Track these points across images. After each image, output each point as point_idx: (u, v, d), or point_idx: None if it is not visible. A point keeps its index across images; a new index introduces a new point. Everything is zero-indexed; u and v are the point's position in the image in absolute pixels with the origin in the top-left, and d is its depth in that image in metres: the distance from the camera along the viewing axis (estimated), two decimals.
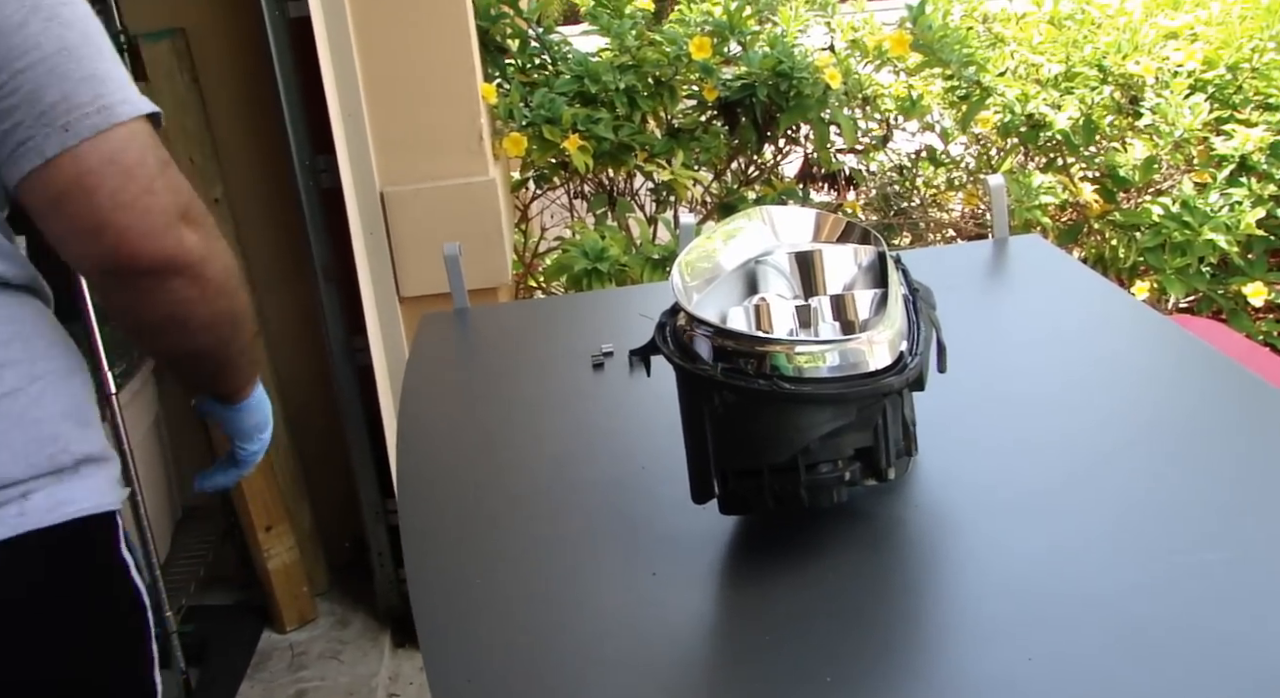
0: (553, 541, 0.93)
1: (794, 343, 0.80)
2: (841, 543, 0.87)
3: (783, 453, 0.80)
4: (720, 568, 0.88)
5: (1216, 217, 2.33)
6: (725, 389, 0.78)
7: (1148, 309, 1.28)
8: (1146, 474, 0.92)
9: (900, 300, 0.89)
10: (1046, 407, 1.04)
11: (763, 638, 0.78)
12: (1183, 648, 0.72)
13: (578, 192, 2.60)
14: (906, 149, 2.78)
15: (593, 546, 0.92)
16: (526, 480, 1.03)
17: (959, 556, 0.86)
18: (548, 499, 0.99)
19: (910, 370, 0.81)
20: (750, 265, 0.97)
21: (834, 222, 1.02)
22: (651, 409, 1.05)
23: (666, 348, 0.83)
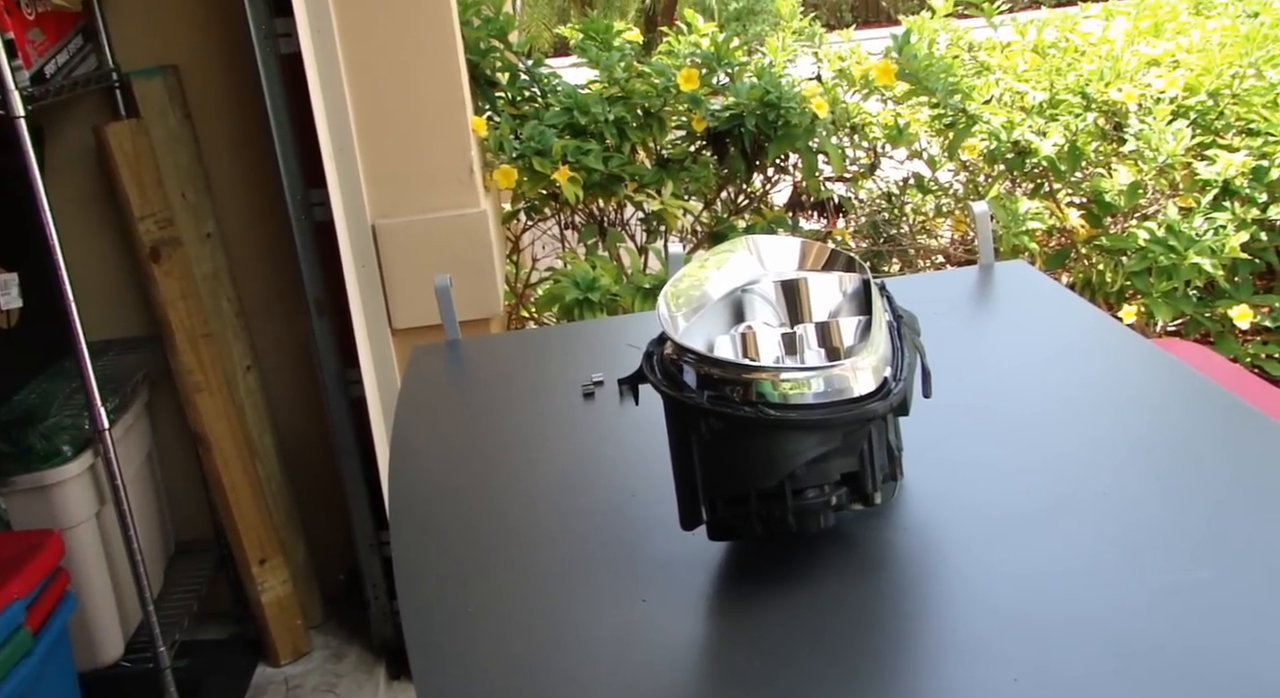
0: (544, 568, 0.93)
1: (779, 370, 0.81)
2: (829, 567, 0.87)
3: (769, 479, 0.80)
4: (709, 594, 0.88)
5: (1201, 241, 2.35)
6: (711, 417, 0.79)
7: (1131, 333, 1.29)
8: (1132, 496, 0.93)
9: (884, 327, 0.90)
10: (1032, 430, 1.05)
11: (752, 664, 0.78)
12: (1169, 668, 0.73)
13: (568, 222, 2.62)
14: (894, 177, 2.81)
15: (584, 573, 0.92)
16: (518, 509, 1.03)
17: (946, 578, 0.86)
18: (539, 528, 0.99)
19: (894, 396, 0.82)
20: (737, 294, 0.98)
21: (819, 250, 1.03)
22: (642, 437, 1.06)
23: (654, 377, 0.84)
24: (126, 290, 2.16)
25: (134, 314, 2.17)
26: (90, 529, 1.92)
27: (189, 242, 2.14)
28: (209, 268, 2.18)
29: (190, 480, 2.27)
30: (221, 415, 2.15)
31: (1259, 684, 0.70)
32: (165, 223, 2.09)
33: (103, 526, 1.95)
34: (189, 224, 2.15)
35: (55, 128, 2.11)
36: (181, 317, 2.11)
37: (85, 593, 1.91)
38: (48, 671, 1.69)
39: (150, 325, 2.14)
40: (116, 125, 2.05)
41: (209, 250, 2.18)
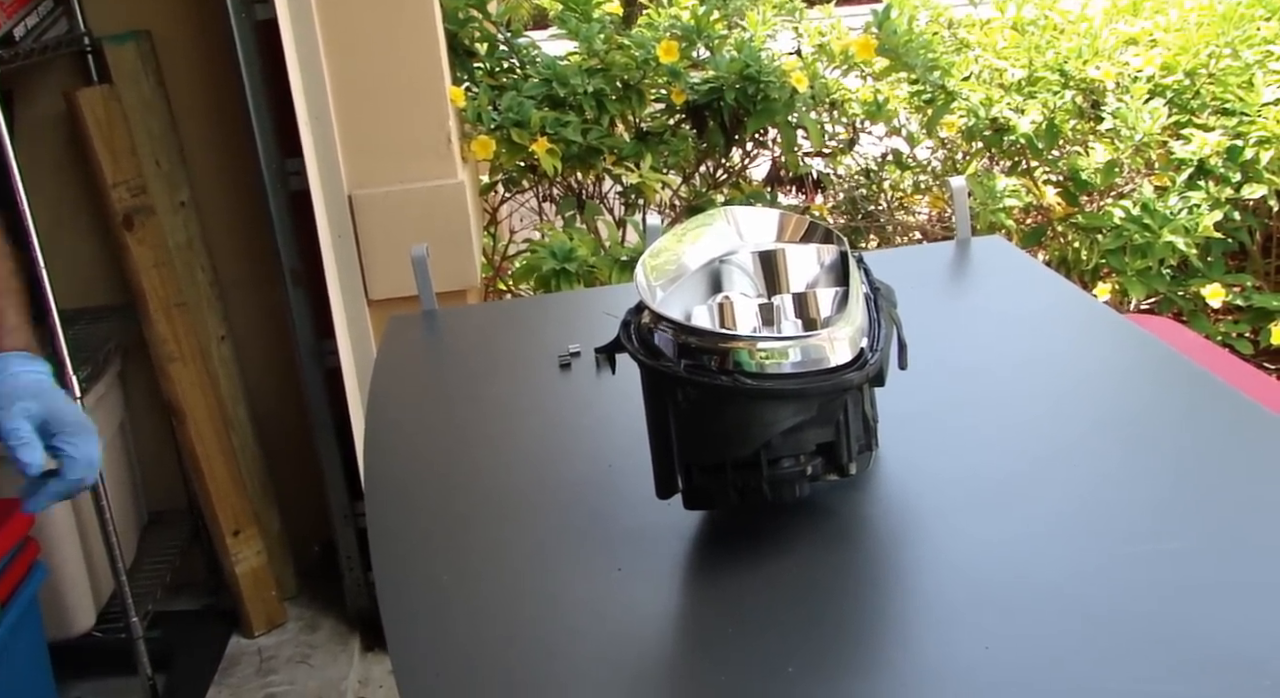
0: (521, 538, 0.94)
1: (756, 339, 0.81)
2: (804, 537, 0.88)
3: (745, 448, 0.81)
4: (685, 563, 0.89)
5: (1176, 219, 2.37)
6: (688, 385, 0.79)
7: (1105, 308, 1.30)
8: (1103, 467, 0.94)
9: (861, 298, 0.90)
10: (1006, 403, 1.06)
11: (726, 631, 0.79)
12: (1137, 635, 0.74)
13: (546, 195, 2.60)
14: (873, 153, 2.81)
15: (560, 543, 0.92)
16: (494, 480, 1.03)
17: (920, 547, 0.87)
18: (515, 498, 1.00)
19: (870, 366, 0.83)
20: (715, 265, 0.98)
21: (797, 222, 1.03)
22: (618, 407, 1.06)
23: (631, 345, 0.84)
24: (99, 259, 2.14)
25: (106, 283, 2.15)
26: None
27: (162, 210, 2.12)
28: (183, 237, 2.16)
29: (163, 451, 2.25)
30: (195, 386, 2.13)
31: (1222, 650, 0.71)
32: (138, 191, 2.07)
33: None
34: (162, 193, 2.12)
35: (25, 92, 2.07)
36: (155, 286, 2.08)
37: (56, 563, 1.90)
38: (17, 640, 1.68)
39: (123, 294, 2.12)
40: (88, 91, 2.02)
41: (182, 219, 2.16)
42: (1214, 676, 0.70)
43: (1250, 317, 2.56)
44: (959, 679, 0.73)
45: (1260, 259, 2.78)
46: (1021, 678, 0.72)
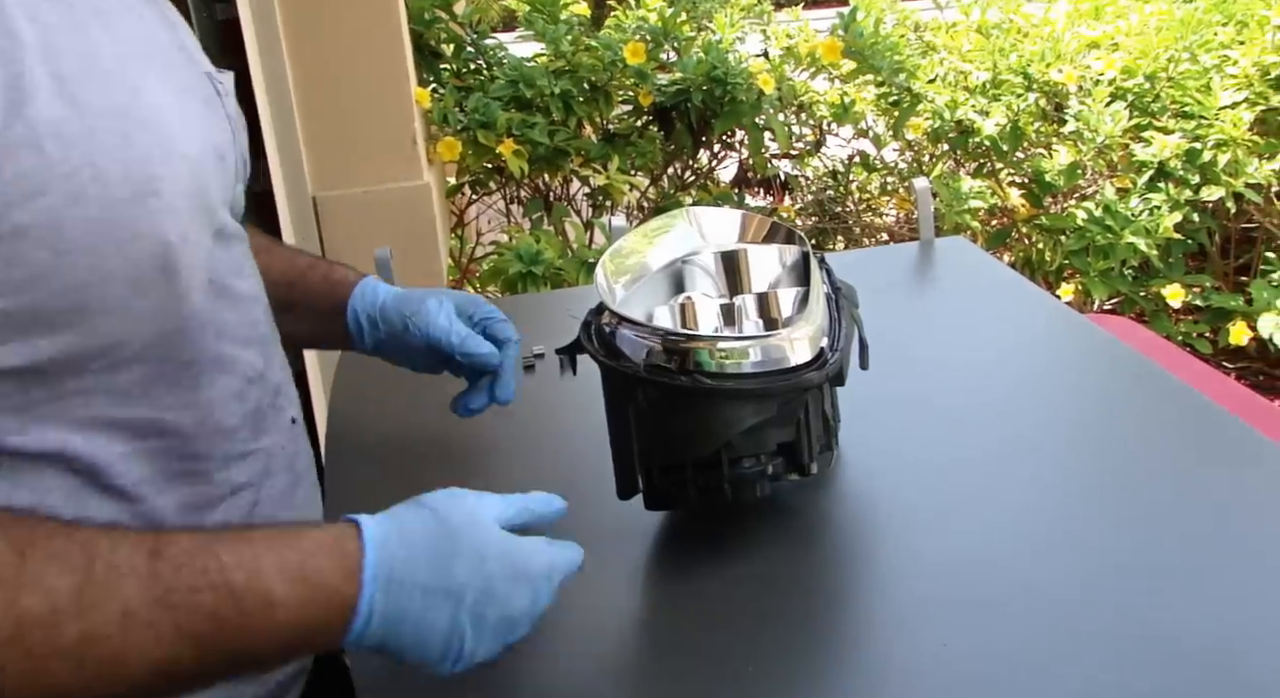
0: None
1: (716, 339, 0.81)
2: (766, 537, 0.88)
3: (705, 448, 0.80)
4: (647, 564, 0.88)
5: (1137, 221, 2.40)
6: (648, 386, 0.79)
7: (1065, 309, 1.31)
8: (1063, 465, 0.95)
9: (822, 298, 0.90)
10: (968, 403, 1.06)
11: (687, 632, 0.79)
12: (1096, 629, 0.74)
13: (514, 197, 2.60)
14: (840, 155, 2.82)
15: None
16: (457, 482, 1.01)
17: (881, 546, 0.87)
18: None
19: (830, 366, 0.82)
20: (677, 265, 0.97)
21: (759, 222, 1.02)
22: (581, 410, 1.05)
23: (590, 346, 0.84)
24: None
25: None
26: None
27: None
28: None
29: None
30: None
31: (1180, 643, 0.72)
32: None
33: None
34: None
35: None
36: None
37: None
38: None
39: None
40: None
41: None
42: (1172, 667, 0.70)
43: (1209, 316, 2.60)
44: (919, 676, 0.73)
45: (1219, 260, 2.82)
46: (980, 673, 0.72)
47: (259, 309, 0.78)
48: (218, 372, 0.71)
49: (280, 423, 0.79)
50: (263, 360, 0.77)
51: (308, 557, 0.62)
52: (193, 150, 0.68)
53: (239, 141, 0.80)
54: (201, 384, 0.70)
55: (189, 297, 0.67)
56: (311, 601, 0.61)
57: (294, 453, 0.81)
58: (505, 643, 0.68)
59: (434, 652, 0.65)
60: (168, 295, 0.65)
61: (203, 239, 0.68)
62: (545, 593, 0.69)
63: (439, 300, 0.96)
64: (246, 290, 0.76)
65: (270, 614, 0.60)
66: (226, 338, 0.72)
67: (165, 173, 0.64)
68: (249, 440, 0.75)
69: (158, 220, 0.63)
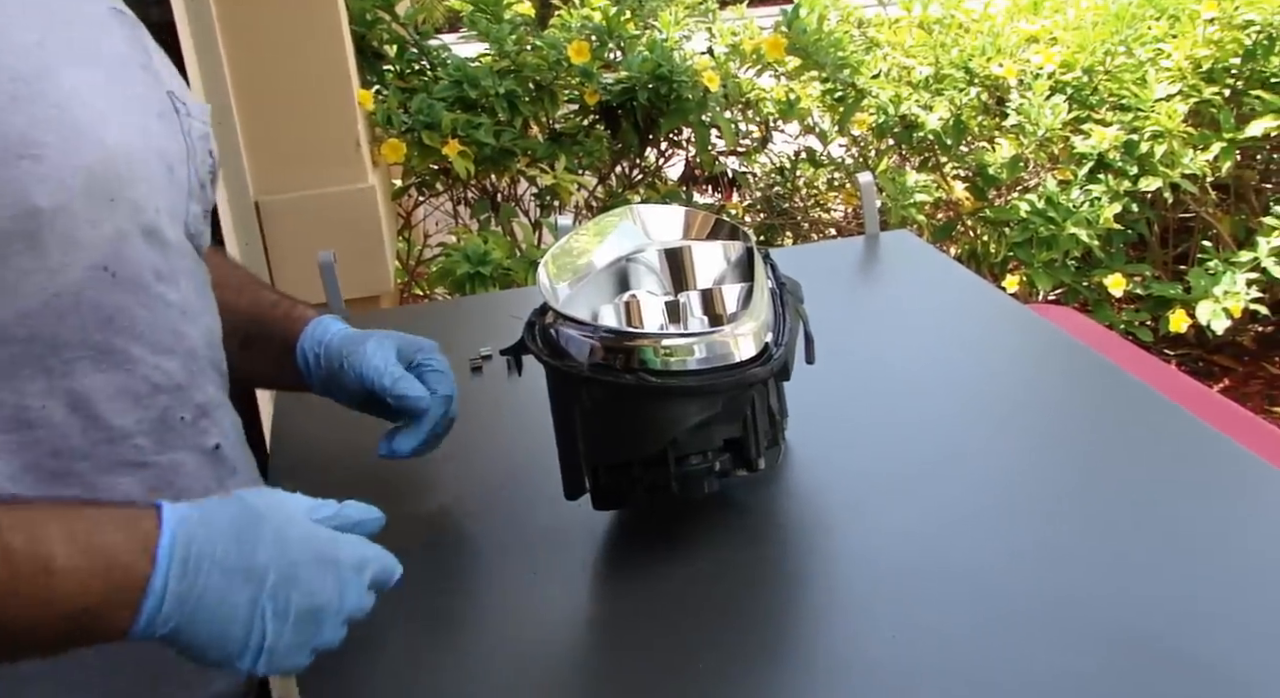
0: (431, 542, 0.92)
1: (660, 336, 0.81)
2: (716, 534, 0.88)
3: (651, 446, 0.80)
4: (598, 563, 0.88)
5: (1078, 212, 2.44)
6: (592, 385, 0.79)
7: (1008, 300, 1.33)
8: (1009, 456, 0.96)
9: (766, 294, 0.90)
10: (914, 394, 1.07)
11: (638, 630, 0.79)
12: (1042, 619, 0.75)
13: (461, 198, 2.58)
14: (787, 151, 2.84)
15: (472, 547, 0.91)
16: (403, 485, 1.01)
17: (829, 540, 0.88)
18: (425, 503, 0.98)
19: (775, 361, 0.83)
20: (621, 263, 0.97)
21: (703, 218, 1.02)
22: (529, 410, 1.05)
23: (535, 346, 0.83)
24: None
25: None
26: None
27: None
28: None
29: None
30: None
31: (1125, 629, 0.73)
32: None
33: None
34: None
35: None
36: None
37: None
38: None
39: None
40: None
41: None
42: (1117, 653, 0.71)
43: (1150, 305, 2.65)
44: (867, 669, 0.73)
45: (1159, 249, 2.87)
46: (927, 664, 0.72)
47: (190, 325, 0.76)
48: (104, 365, 0.69)
49: (195, 443, 0.76)
50: (186, 375, 0.75)
51: (98, 528, 0.59)
52: (112, 140, 0.68)
53: (196, 163, 0.80)
54: (75, 372, 0.67)
55: (62, 273, 0.65)
56: (97, 574, 0.58)
57: (211, 481, 0.78)
58: (313, 645, 0.65)
59: (233, 641, 0.61)
60: (33, 266, 0.64)
61: (104, 225, 0.67)
62: (354, 589, 0.67)
63: (380, 342, 0.93)
64: (174, 299, 0.74)
65: (48, 582, 0.56)
66: (124, 333, 0.70)
67: (56, 144, 0.64)
68: (147, 451, 0.72)
69: (26, 184, 0.63)
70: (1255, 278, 2.46)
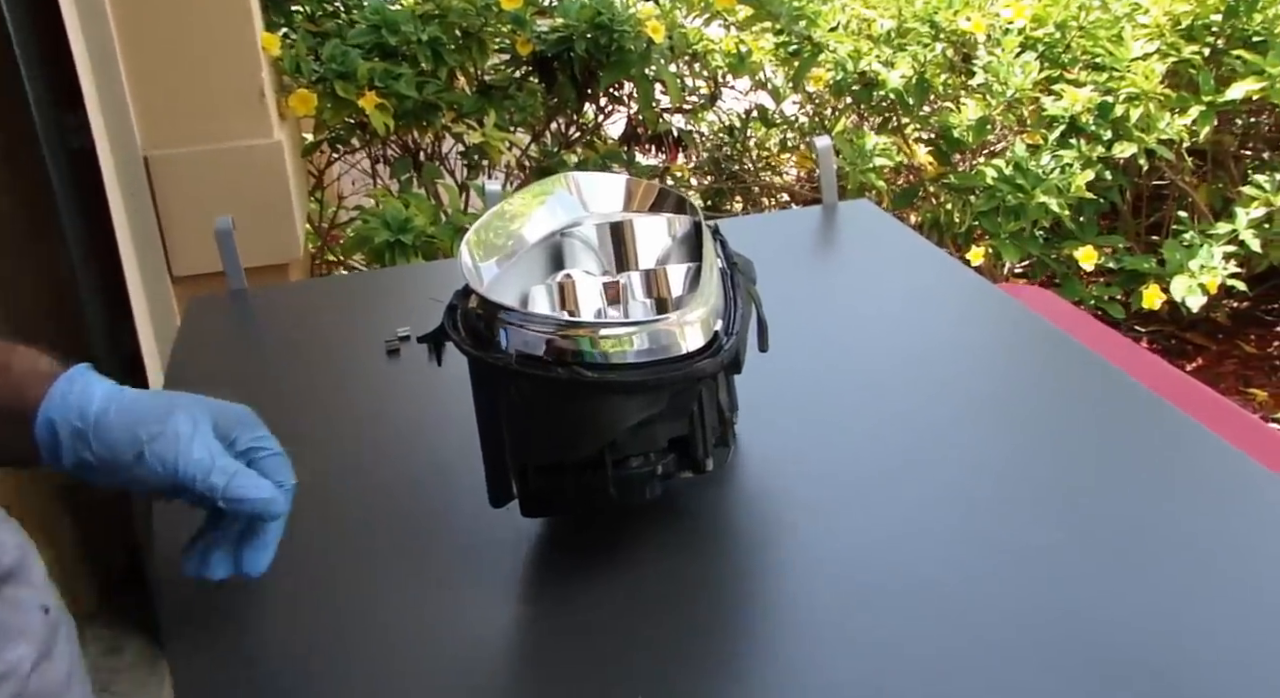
0: (337, 551, 0.88)
1: (596, 325, 0.77)
2: (659, 543, 0.85)
3: (587, 447, 0.77)
4: (526, 577, 0.85)
5: (1048, 179, 2.44)
6: (520, 379, 0.75)
7: (976, 278, 1.31)
8: (977, 452, 0.94)
9: (716, 274, 0.87)
10: (876, 384, 1.05)
11: (571, 652, 0.76)
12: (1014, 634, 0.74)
13: (379, 156, 2.53)
14: (737, 109, 2.81)
15: (383, 556, 0.87)
16: (308, 483, 0.95)
17: (784, 548, 0.85)
18: (332, 504, 0.94)
19: (725, 352, 0.80)
20: (555, 238, 0.94)
21: (646, 188, 0.99)
22: (452, 400, 1.01)
23: (456, 334, 0.79)
24: None
25: None
26: None
27: None
28: None
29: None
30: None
31: (1102, 648, 0.72)
32: None
33: None
34: None
35: None
36: None
37: None
38: None
39: None
40: None
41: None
42: (1093, 673, 0.70)
43: (1122, 279, 2.67)
44: (829, 690, 0.71)
45: (1131, 219, 2.90)
46: (894, 686, 0.70)
47: None
48: None
49: None
50: None
51: None
52: None
53: None
54: None
55: None
56: None
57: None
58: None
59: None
60: None
61: None
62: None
63: (191, 419, 0.74)
64: None
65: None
66: None
67: None
68: None
69: None
70: (1232, 251, 2.49)
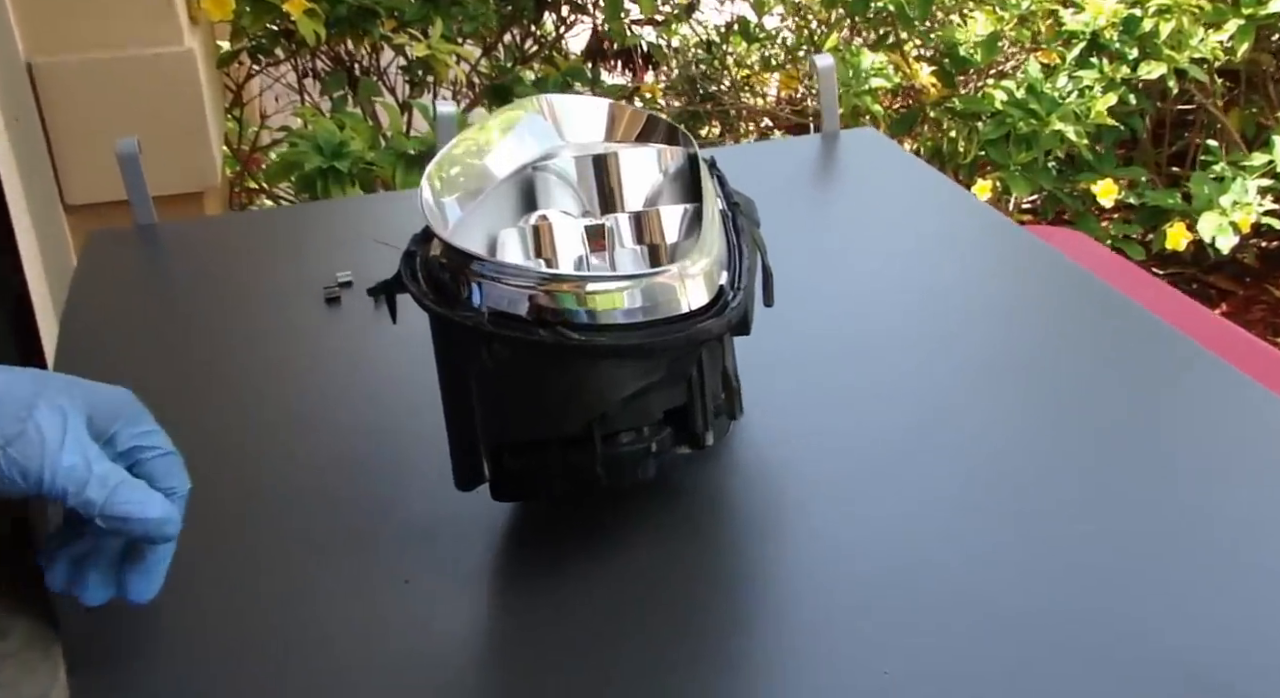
0: (272, 536, 0.86)
1: (585, 279, 0.73)
2: (648, 529, 0.83)
3: (573, 422, 0.74)
4: (492, 569, 0.82)
5: (1065, 104, 2.42)
6: (495, 342, 0.71)
7: (1005, 221, 1.30)
8: (1006, 425, 0.93)
9: (717, 218, 0.84)
10: (890, 343, 1.03)
11: (547, 658, 0.74)
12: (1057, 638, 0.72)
13: (308, 69, 2.51)
14: (715, 21, 2.78)
15: (327, 543, 0.84)
16: (232, 455, 0.95)
17: (792, 534, 0.83)
18: (265, 481, 0.92)
19: (733, 311, 0.77)
20: (527, 172, 0.90)
21: (632, 115, 0.96)
22: (406, 357, 0.99)
23: (416, 287, 0.75)
24: None
25: None
26: None
27: None
28: None
29: None
30: None
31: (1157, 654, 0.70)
32: None
33: None
34: None
35: None
36: None
37: None
38: None
39: None
40: None
41: None
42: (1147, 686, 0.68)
43: (1142, 216, 2.67)
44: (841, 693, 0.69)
45: (1151, 149, 2.89)
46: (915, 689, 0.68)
47: None
48: None
49: None
50: None
51: None
52: None
53: None
54: None
55: None
56: None
57: None
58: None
59: None
60: None
61: None
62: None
63: (59, 413, 0.65)
64: None
65: None
66: None
67: None
68: None
69: None
70: (1269, 185, 2.48)
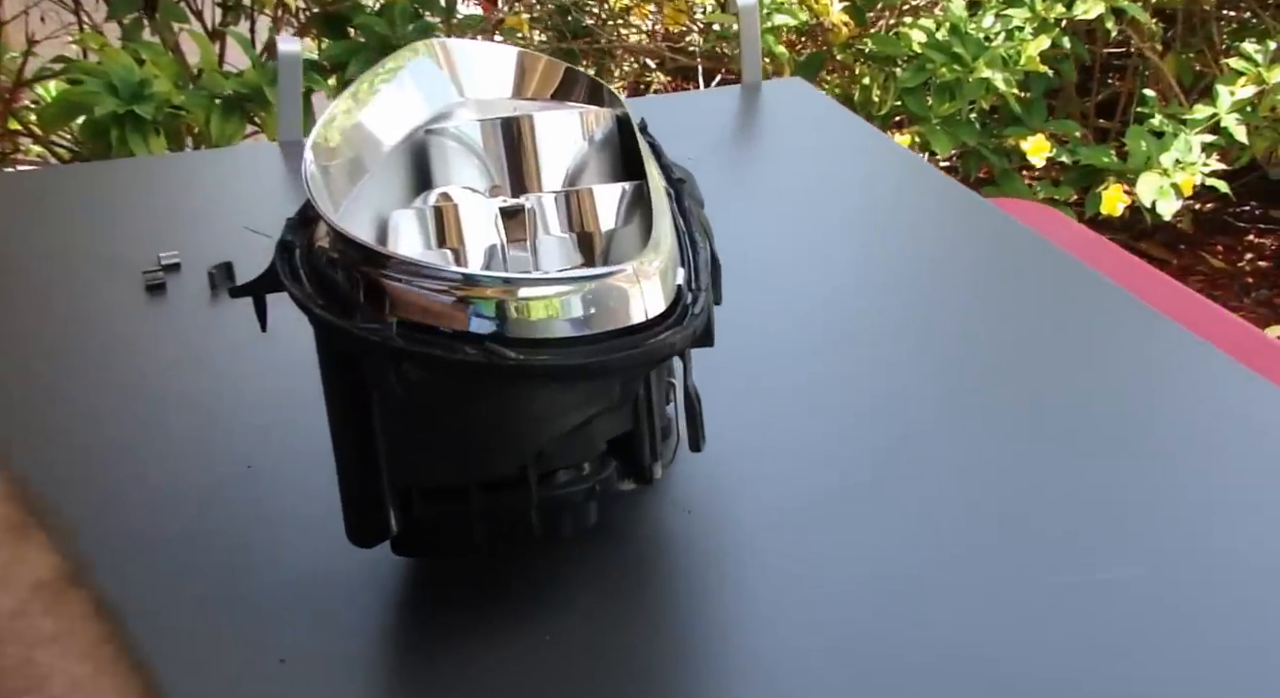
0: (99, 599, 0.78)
1: (521, 282, 0.67)
2: (579, 583, 0.79)
3: (505, 461, 0.69)
4: (388, 642, 0.78)
5: (992, 48, 2.44)
6: (407, 361, 0.65)
7: (963, 190, 1.32)
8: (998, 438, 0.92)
9: (664, 199, 0.78)
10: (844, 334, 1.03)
11: None
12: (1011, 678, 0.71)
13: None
14: None
15: (165, 615, 0.77)
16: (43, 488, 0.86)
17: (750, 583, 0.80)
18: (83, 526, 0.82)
19: (695, 319, 0.72)
20: (420, 136, 0.85)
21: (547, 66, 0.92)
22: (263, 357, 0.92)
23: (299, 289, 0.68)
24: None
25: None
26: None
27: None
28: None
29: None
30: None
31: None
32: None
33: None
34: None
35: None
36: None
37: None
38: None
39: None
40: None
41: None
42: None
43: (1074, 176, 2.71)
44: None
45: (1076, 98, 2.95)
46: None
47: None
48: None
49: None
50: None
51: None
52: None
53: None
54: None
55: None
56: None
57: None
58: None
59: None
60: None
61: None
62: None
63: None
64: None
65: None
66: None
67: None
68: None
69: None
70: (1211, 141, 2.54)
